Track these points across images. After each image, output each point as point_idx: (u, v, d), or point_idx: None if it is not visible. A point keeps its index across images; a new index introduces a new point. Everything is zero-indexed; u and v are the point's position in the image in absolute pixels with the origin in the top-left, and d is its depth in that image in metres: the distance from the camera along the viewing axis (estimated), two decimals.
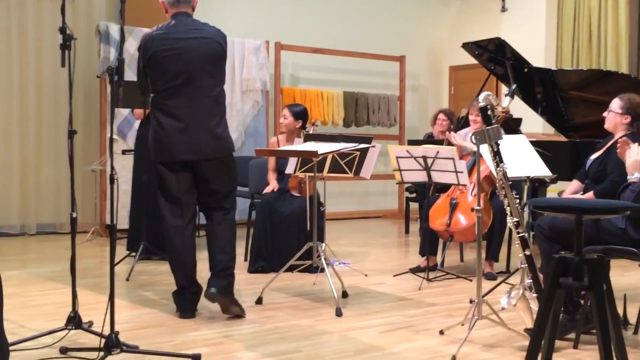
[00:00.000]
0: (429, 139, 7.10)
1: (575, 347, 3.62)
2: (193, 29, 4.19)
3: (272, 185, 5.78)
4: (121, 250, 5.85)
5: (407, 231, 8.11)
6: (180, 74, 4.02)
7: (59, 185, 7.36)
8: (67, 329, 3.57)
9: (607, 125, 4.21)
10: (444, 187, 5.56)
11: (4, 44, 7.15)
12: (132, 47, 6.96)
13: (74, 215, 3.58)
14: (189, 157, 4.07)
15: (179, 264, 4.18)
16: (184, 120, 4.04)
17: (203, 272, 4.25)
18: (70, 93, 3.64)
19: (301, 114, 5.87)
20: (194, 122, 4.05)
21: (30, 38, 7.29)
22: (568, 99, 6.25)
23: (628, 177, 3.65)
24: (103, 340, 3.20)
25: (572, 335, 3.67)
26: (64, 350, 3.36)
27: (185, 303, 4.18)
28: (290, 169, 5.38)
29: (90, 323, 3.67)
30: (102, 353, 3.16)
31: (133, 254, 5.68)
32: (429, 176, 5.22)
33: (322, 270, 4.74)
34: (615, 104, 4.17)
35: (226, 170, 4.22)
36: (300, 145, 5.05)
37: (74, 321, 3.57)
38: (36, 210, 7.33)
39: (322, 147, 4.64)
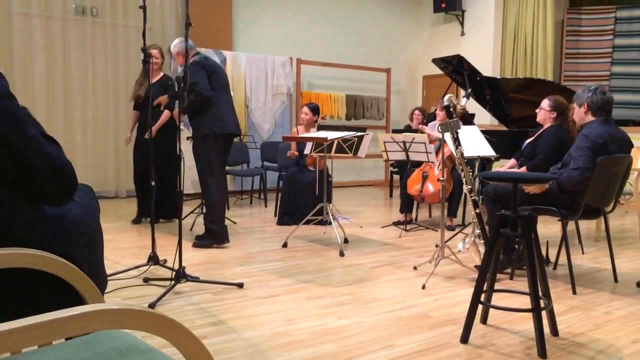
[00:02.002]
0: (407, 129, 7.07)
1: (511, 278, 3.64)
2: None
3: (292, 150, 5.81)
4: (186, 209, 5.91)
5: (391, 195, 8.12)
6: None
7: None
8: (148, 264, 3.63)
9: (538, 119, 4.18)
10: (417, 163, 5.56)
11: (102, 58, 7.14)
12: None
13: (153, 183, 3.62)
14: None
15: (223, 209, 4.45)
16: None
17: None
18: (150, 94, 3.71)
19: (316, 110, 5.90)
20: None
21: (121, 55, 7.27)
22: (508, 99, 6.20)
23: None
24: (174, 273, 3.26)
25: (509, 270, 3.69)
26: (146, 280, 3.41)
27: (227, 234, 4.49)
28: (307, 150, 5.40)
29: (165, 260, 3.72)
30: (173, 282, 3.22)
31: (196, 211, 5.73)
32: (407, 155, 5.22)
33: (330, 223, 4.76)
34: (545, 103, 4.13)
35: None
36: (314, 133, 5.05)
37: (153, 259, 3.63)
38: (125, 180, 7.36)
39: (330, 135, 4.64)
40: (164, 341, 1.13)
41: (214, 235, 4.42)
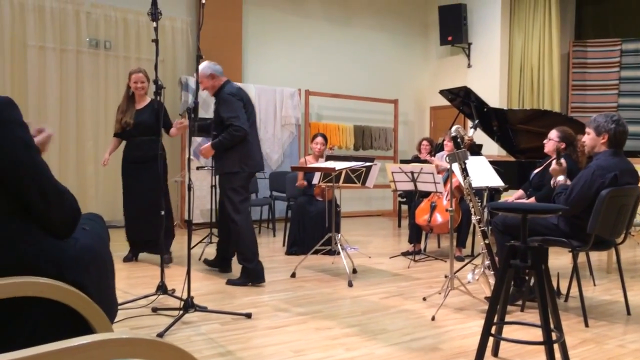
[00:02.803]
0: (415, 160, 7.08)
1: (522, 310, 3.58)
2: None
3: (300, 180, 5.79)
4: (195, 238, 5.90)
5: (399, 225, 8.08)
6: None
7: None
8: (156, 294, 3.61)
9: (547, 149, 4.17)
10: (425, 194, 5.54)
11: (114, 90, 7.23)
12: (204, 93, 7.00)
13: (162, 213, 3.63)
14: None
15: (254, 245, 4.14)
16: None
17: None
18: (160, 125, 3.77)
19: (327, 140, 5.99)
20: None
21: None
22: (516, 130, 6.21)
23: (553, 182, 3.63)
24: (182, 303, 3.24)
25: (519, 302, 3.64)
26: (154, 310, 3.39)
27: (262, 273, 4.18)
28: (315, 180, 5.40)
29: (173, 290, 3.70)
30: (181, 312, 3.20)
31: (205, 240, 5.72)
32: (415, 186, 5.22)
33: (338, 253, 4.74)
34: (554, 133, 4.12)
35: None
36: (322, 163, 5.07)
37: (162, 289, 3.62)
38: None
39: (338, 165, 4.66)
40: None
41: (249, 273, 4.14)
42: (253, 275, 4.14)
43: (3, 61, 6.51)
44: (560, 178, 3.58)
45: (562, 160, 3.62)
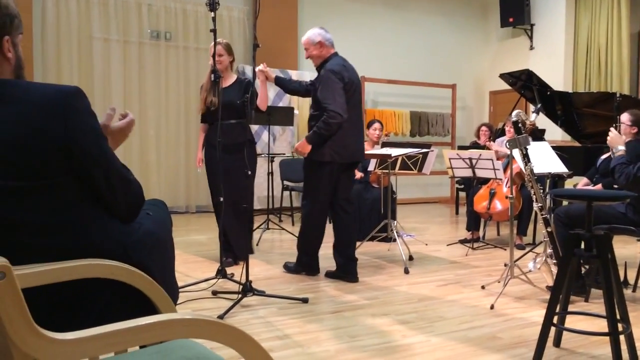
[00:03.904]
0: (474, 146, 6.93)
1: (586, 300, 3.46)
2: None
3: (358, 175, 5.76)
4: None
5: (456, 212, 7.95)
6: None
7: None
8: (216, 278, 3.71)
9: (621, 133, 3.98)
10: (484, 180, 5.42)
11: (175, 80, 7.44)
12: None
13: (221, 199, 3.70)
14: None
15: (317, 241, 3.97)
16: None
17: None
18: (219, 113, 3.65)
19: (382, 126, 5.95)
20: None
21: (192, 76, 7.55)
22: (581, 114, 5.96)
23: (613, 152, 3.45)
24: (241, 287, 3.32)
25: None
26: (214, 293, 3.48)
27: (317, 265, 4.03)
28: (371, 167, 5.39)
29: (232, 274, 3.79)
30: (240, 295, 3.27)
31: (262, 226, 5.82)
32: (474, 172, 5.11)
33: (394, 240, 4.72)
34: (625, 117, 3.91)
35: None
36: (378, 150, 5.04)
37: (221, 273, 3.71)
38: (196, 196, 7.61)
39: (394, 152, 4.62)
40: (231, 353, 1.15)
41: (303, 264, 4.00)
42: (307, 267, 4.04)
43: (70, 53, 6.80)
44: (620, 148, 3.39)
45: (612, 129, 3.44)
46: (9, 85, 1.31)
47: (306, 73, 8.03)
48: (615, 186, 3.61)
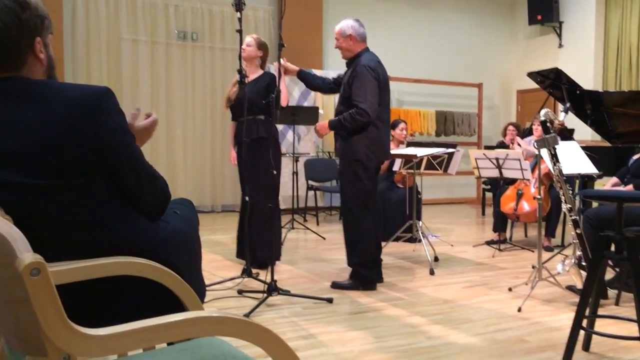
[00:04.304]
0: (501, 145, 6.84)
1: (616, 304, 3.39)
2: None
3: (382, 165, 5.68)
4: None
5: (483, 213, 7.86)
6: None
7: (237, 178, 7.62)
8: (242, 277, 3.74)
9: None
10: (511, 181, 5.36)
11: (201, 80, 7.53)
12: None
13: (247, 199, 3.73)
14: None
15: (373, 248, 3.75)
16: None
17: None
18: (244, 111, 3.64)
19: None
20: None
21: (218, 76, 7.62)
22: (612, 114, 5.82)
23: None
24: (266, 286, 3.34)
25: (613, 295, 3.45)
26: (240, 292, 3.51)
27: (374, 279, 3.75)
28: (396, 167, 5.37)
29: (257, 273, 3.81)
30: (265, 294, 3.29)
31: (287, 226, 5.84)
32: (500, 172, 5.04)
33: (420, 240, 4.69)
34: None
35: None
36: (403, 150, 5.02)
37: (247, 272, 3.74)
38: (221, 195, 7.68)
39: (420, 152, 4.60)
40: (257, 352, 1.16)
41: (362, 278, 3.66)
42: (367, 281, 3.67)
43: (100, 54, 6.93)
44: None
45: None
46: (42, 86, 1.35)
47: (331, 72, 8.02)
48: None
